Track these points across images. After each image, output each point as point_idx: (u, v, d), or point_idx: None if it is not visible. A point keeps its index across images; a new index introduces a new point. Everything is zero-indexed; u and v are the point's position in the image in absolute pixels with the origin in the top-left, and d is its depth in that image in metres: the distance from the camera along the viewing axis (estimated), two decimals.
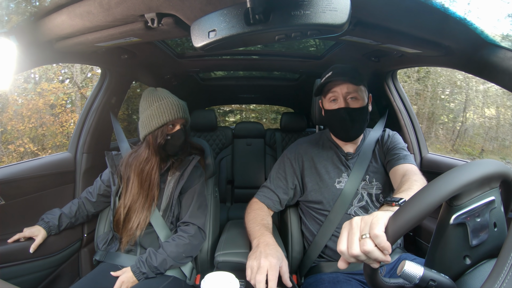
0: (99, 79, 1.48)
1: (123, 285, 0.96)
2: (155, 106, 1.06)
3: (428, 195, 0.47)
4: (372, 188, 1.05)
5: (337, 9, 0.53)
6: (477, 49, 0.84)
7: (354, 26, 0.80)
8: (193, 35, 0.64)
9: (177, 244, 1.03)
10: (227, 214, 2.20)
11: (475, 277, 0.51)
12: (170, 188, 1.12)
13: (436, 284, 0.49)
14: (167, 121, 1.05)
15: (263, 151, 2.65)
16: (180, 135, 1.10)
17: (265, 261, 0.77)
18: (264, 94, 3.14)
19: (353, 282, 0.92)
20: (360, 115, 1.03)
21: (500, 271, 0.43)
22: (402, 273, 0.50)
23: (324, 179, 1.07)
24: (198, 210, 1.11)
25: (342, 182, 1.05)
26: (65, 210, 1.19)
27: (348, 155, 1.10)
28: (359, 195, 1.04)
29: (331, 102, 1.05)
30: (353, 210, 1.02)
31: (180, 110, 1.08)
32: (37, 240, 1.08)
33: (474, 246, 0.51)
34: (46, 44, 0.96)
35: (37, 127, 5.96)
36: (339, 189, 1.04)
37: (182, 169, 1.14)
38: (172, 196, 1.11)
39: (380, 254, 0.50)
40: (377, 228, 0.50)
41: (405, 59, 1.21)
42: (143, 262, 0.99)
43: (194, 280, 1.11)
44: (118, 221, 1.10)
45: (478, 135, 8.00)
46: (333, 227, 1.02)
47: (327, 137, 1.17)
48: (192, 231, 1.07)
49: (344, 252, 0.53)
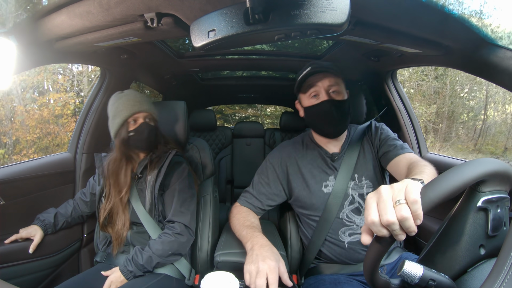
0: (99, 79, 1.48)
1: (112, 284, 0.96)
2: (114, 107, 1.07)
3: (468, 170, 0.48)
4: (363, 187, 1.00)
5: (336, 9, 0.53)
6: (477, 49, 0.84)
7: (354, 26, 0.80)
8: (193, 34, 0.64)
9: (162, 242, 1.02)
10: (226, 214, 2.19)
11: (475, 276, 0.51)
12: (151, 186, 1.10)
13: (436, 284, 0.49)
14: (124, 118, 1.05)
15: (262, 151, 2.65)
16: (142, 129, 1.07)
17: (263, 264, 0.75)
18: (264, 94, 3.14)
19: (354, 283, 0.91)
20: (344, 108, 1.00)
21: (500, 271, 0.43)
22: (402, 273, 0.50)
23: (310, 184, 1.02)
24: (181, 207, 1.08)
25: (329, 185, 1.01)
26: (60, 210, 1.19)
27: (333, 156, 1.04)
28: (349, 197, 0.99)
29: (312, 98, 1.01)
30: (345, 213, 0.99)
31: (137, 104, 1.06)
32: (35, 239, 1.08)
33: (490, 236, 0.51)
34: (46, 44, 0.96)
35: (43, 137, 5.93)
36: (326, 194, 1.00)
37: (160, 166, 1.11)
38: (153, 195, 1.09)
39: (413, 224, 0.46)
40: (414, 193, 0.47)
41: (405, 58, 1.21)
42: (130, 261, 0.99)
43: (194, 280, 1.11)
44: (103, 223, 1.10)
45: (501, 133, 7.68)
46: (325, 232, 0.99)
47: (309, 138, 1.12)
48: (178, 228, 1.05)
49: (376, 221, 0.48)
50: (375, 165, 1.03)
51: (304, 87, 1.02)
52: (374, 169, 1.03)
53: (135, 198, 1.10)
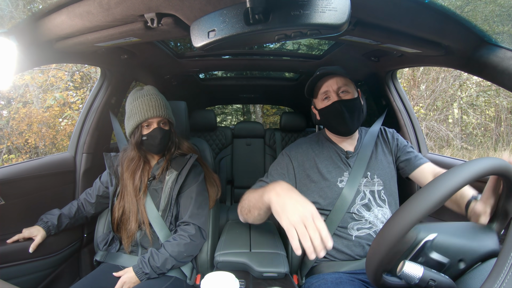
0: (99, 79, 1.48)
1: (124, 285, 0.96)
2: (129, 108, 1.08)
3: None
4: (374, 185, 1.06)
5: (336, 9, 0.53)
6: (477, 49, 0.84)
7: (354, 26, 0.80)
8: (193, 35, 0.64)
9: (178, 244, 1.02)
10: (227, 214, 2.20)
11: (475, 277, 0.51)
12: (168, 187, 1.11)
13: (436, 284, 0.49)
14: (138, 122, 1.05)
15: (262, 151, 2.65)
16: (156, 134, 1.08)
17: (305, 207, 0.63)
18: (264, 94, 3.14)
19: (356, 282, 0.92)
20: (355, 106, 1.06)
21: (500, 271, 0.43)
22: (402, 274, 0.50)
23: (327, 179, 1.06)
24: (198, 210, 1.10)
25: (344, 181, 1.06)
26: (64, 211, 1.19)
27: (348, 153, 1.10)
28: (361, 193, 1.04)
29: (324, 100, 1.08)
30: (355, 208, 1.02)
31: (151, 109, 1.06)
32: (36, 240, 1.08)
33: None
34: (46, 44, 0.96)
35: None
36: (341, 188, 1.04)
37: (180, 168, 1.12)
38: (171, 196, 1.10)
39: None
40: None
41: (405, 59, 1.22)
42: (146, 263, 0.99)
43: (195, 280, 1.11)
44: (115, 222, 1.10)
45: None
46: (334, 226, 1.01)
47: (324, 136, 1.18)
48: (193, 230, 1.06)
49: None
50: (388, 166, 1.11)
51: (315, 92, 1.11)
52: (387, 169, 1.10)
53: (148, 198, 1.11)
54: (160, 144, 1.09)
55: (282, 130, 2.63)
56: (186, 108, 1.33)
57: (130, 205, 1.08)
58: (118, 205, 1.10)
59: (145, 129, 1.08)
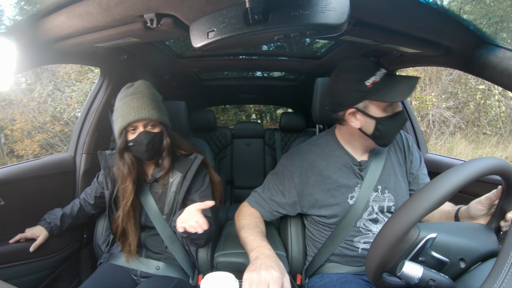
0: (98, 79, 1.48)
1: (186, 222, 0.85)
2: (116, 107, 0.99)
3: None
4: (384, 200, 0.97)
5: (336, 9, 0.53)
6: (476, 49, 0.84)
7: (353, 26, 0.80)
8: (192, 35, 0.64)
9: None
10: (226, 214, 2.20)
11: (475, 277, 0.51)
12: (173, 191, 1.05)
13: (436, 284, 0.49)
14: (122, 127, 0.96)
15: (262, 151, 2.65)
16: (141, 140, 0.96)
17: (266, 273, 0.69)
18: (263, 94, 3.15)
19: (361, 282, 0.91)
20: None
21: (500, 271, 0.43)
22: (401, 274, 0.50)
23: (335, 196, 0.97)
24: (204, 211, 1.01)
25: (354, 197, 0.97)
26: (66, 210, 1.18)
27: (361, 164, 0.99)
28: (369, 208, 0.96)
29: (388, 108, 0.89)
30: (362, 222, 0.96)
31: (133, 111, 0.94)
32: (38, 240, 1.07)
33: None
34: (45, 44, 0.96)
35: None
36: (351, 205, 0.97)
37: (184, 170, 1.06)
38: (176, 201, 1.04)
39: None
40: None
41: (405, 59, 1.22)
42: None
43: (197, 281, 1.11)
44: (117, 232, 1.05)
45: None
46: (341, 238, 0.97)
47: (334, 143, 1.03)
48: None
49: None
50: (403, 179, 1.01)
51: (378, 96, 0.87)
52: (401, 183, 1.00)
53: (148, 201, 1.06)
54: (148, 151, 0.98)
55: (282, 130, 2.63)
56: (186, 108, 1.33)
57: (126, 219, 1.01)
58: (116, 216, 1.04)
59: (130, 134, 0.98)
